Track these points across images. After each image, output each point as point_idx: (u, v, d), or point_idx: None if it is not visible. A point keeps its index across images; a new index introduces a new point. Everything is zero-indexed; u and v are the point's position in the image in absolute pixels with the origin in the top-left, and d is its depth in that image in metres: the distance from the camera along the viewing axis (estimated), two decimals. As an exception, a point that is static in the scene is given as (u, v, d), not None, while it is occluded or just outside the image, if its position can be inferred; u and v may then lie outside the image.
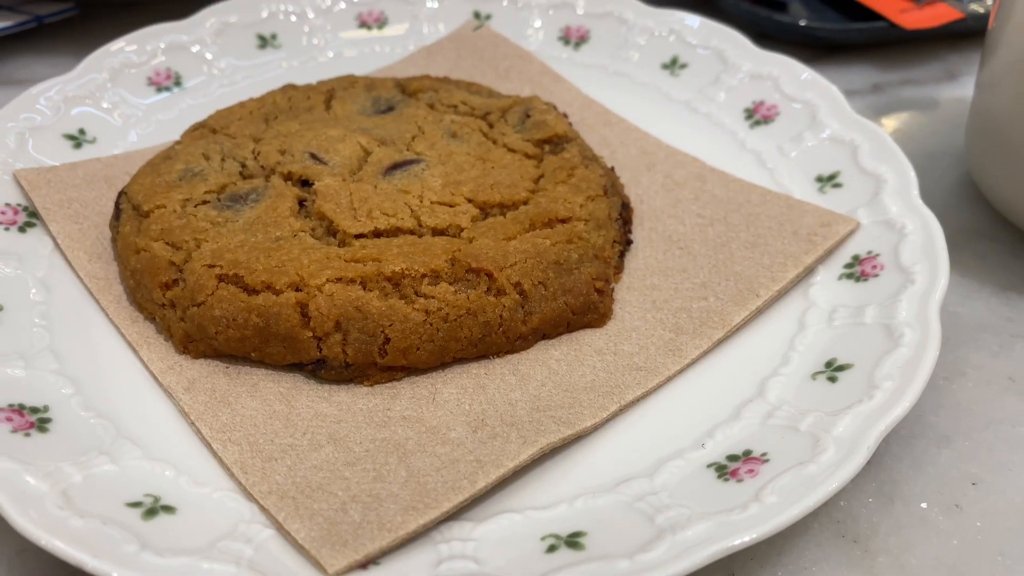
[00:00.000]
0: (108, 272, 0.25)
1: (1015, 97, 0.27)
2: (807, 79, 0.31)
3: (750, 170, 0.30)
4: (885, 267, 0.24)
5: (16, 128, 0.29)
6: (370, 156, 0.27)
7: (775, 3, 0.40)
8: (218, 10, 0.35)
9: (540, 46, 0.36)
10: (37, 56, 0.38)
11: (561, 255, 0.24)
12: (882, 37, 0.38)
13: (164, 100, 0.32)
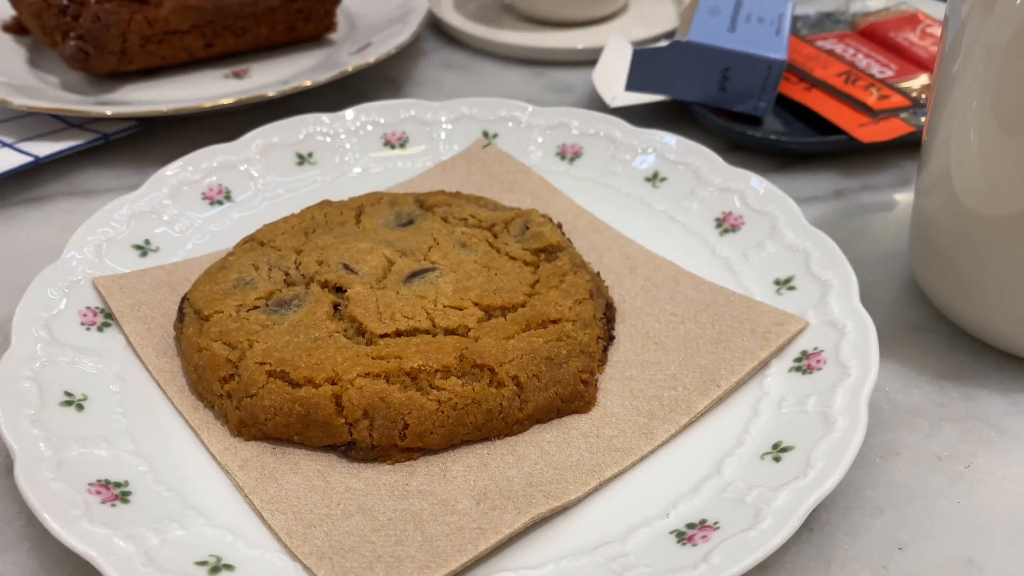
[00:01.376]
0: (173, 366, 0.30)
1: (944, 204, 0.31)
2: (770, 193, 0.36)
3: (719, 273, 0.34)
4: (827, 362, 0.29)
5: (94, 240, 0.34)
6: (393, 266, 0.32)
7: (749, 118, 0.45)
8: (262, 132, 0.40)
9: (540, 161, 0.41)
10: (103, 168, 0.44)
11: (552, 351, 0.29)
12: (844, 148, 0.43)
13: (217, 213, 0.37)
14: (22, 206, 0.41)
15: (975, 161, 0.30)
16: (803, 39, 0.51)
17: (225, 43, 0.50)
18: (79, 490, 0.25)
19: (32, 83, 0.48)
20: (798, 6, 0.62)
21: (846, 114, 0.44)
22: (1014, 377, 0.31)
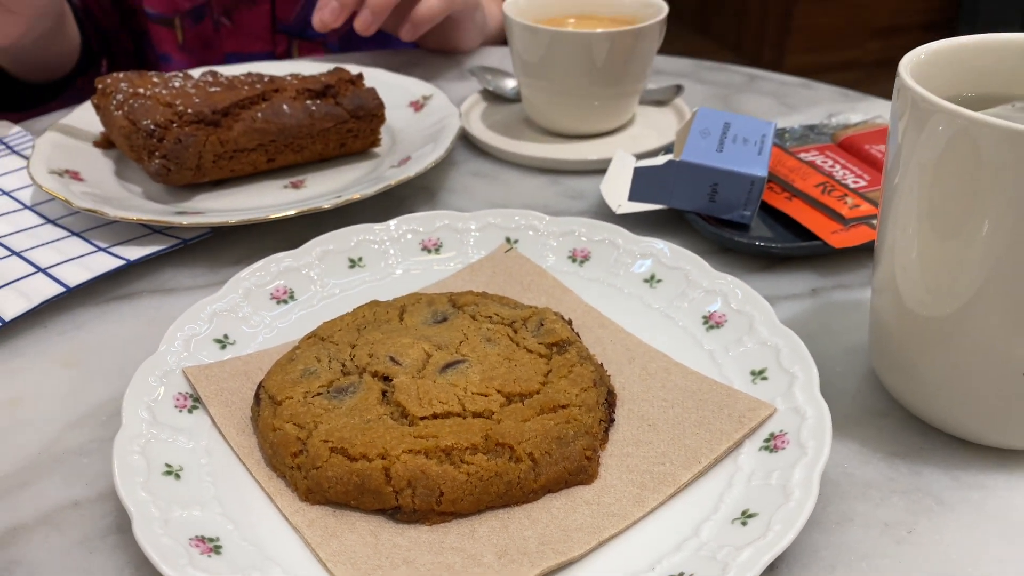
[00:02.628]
0: (251, 443, 0.36)
1: (892, 304, 0.37)
2: (748, 296, 0.42)
3: (704, 364, 0.40)
4: (790, 443, 0.35)
5: (183, 336, 0.41)
6: (430, 358, 0.38)
7: (737, 224, 0.52)
8: (320, 241, 0.48)
9: (554, 263, 0.48)
10: (182, 268, 0.51)
11: (562, 432, 0.35)
12: (819, 252, 0.50)
13: (283, 311, 0.44)
14: (115, 302, 0.48)
15: (915, 266, 0.35)
16: (787, 152, 0.58)
17: (285, 158, 0.58)
18: (182, 544, 0.31)
19: (120, 193, 0.56)
20: (787, 117, 0.69)
21: (821, 222, 0.50)
22: (955, 456, 0.37)
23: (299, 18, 0.86)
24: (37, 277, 0.48)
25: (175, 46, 0.86)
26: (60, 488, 0.36)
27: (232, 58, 0.87)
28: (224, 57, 0.87)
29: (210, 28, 0.85)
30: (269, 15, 0.85)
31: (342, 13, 0.67)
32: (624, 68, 0.62)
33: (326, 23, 0.67)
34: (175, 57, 0.87)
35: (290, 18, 0.86)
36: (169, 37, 0.85)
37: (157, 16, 0.84)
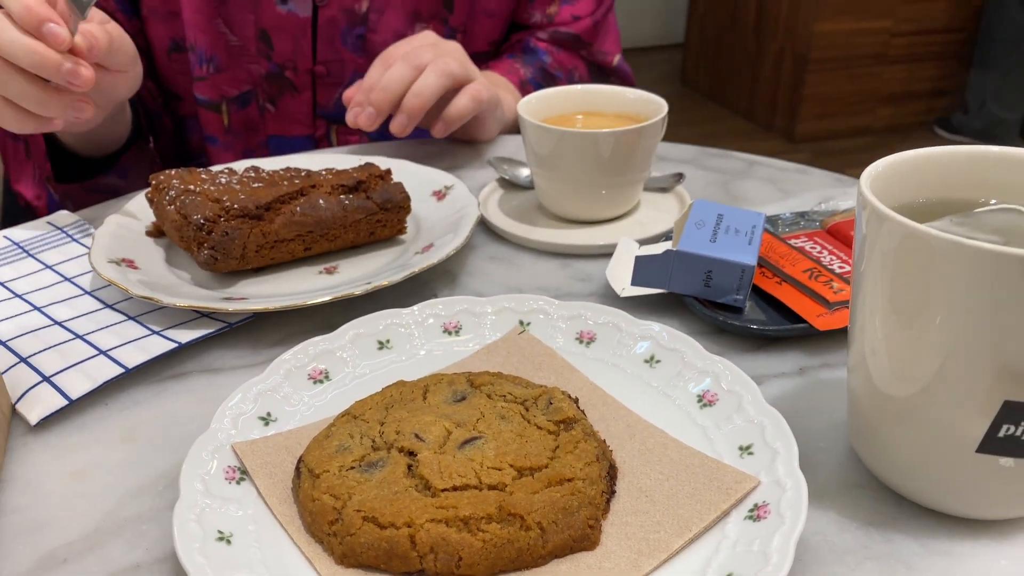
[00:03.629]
0: (292, 511, 0.41)
1: (864, 383, 0.41)
2: (737, 377, 0.47)
3: (698, 440, 0.45)
4: (771, 512, 0.39)
5: (231, 414, 0.46)
6: (451, 435, 0.43)
7: (731, 307, 0.57)
8: (353, 325, 0.53)
9: (563, 345, 0.53)
10: (228, 350, 0.57)
11: (568, 503, 0.39)
12: (806, 333, 0.54)
13: (319, 390, 0.49)
14: (168, 381, 0.53)
15: (882, 349, 0.40)
16: (779, 238, 0.63)
17: (320, 247, 0.64)
18: (234, 602, 0.35)
19: (170, 280, 0.62)
20: (782, 202, 0.74)
21: (808, 306, 0.55)
22: (925, 525, 0.41)
23: (338, 105, 0.94)
24: (99, 359, 0.54)
25: (221, 129, 0.93)
26: (123, 552, 0.41)
27: (274, 140, 0.94)
28: (267, 139, 0.94)
29: (255, 113, 0.93)
30: (310, 102, 0.93)
31: (377, 119, 0.74)
32: (628, 161, 0.68)
33: (362, 127, 0.74)
34: (221, 139, 0.94)
35: (330, 105, 0.94)
36: (216, 121, 0.93)
37: (206, 101, 0.92)
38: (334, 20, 0.89)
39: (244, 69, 0.90)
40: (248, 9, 0.86)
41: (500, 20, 0.98)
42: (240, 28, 0.87)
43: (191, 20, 0.87)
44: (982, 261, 0.34)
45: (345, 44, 0.90)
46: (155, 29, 0.90)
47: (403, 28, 0.91)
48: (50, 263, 0.67)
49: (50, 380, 0.52)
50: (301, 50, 0.89)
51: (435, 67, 0.73)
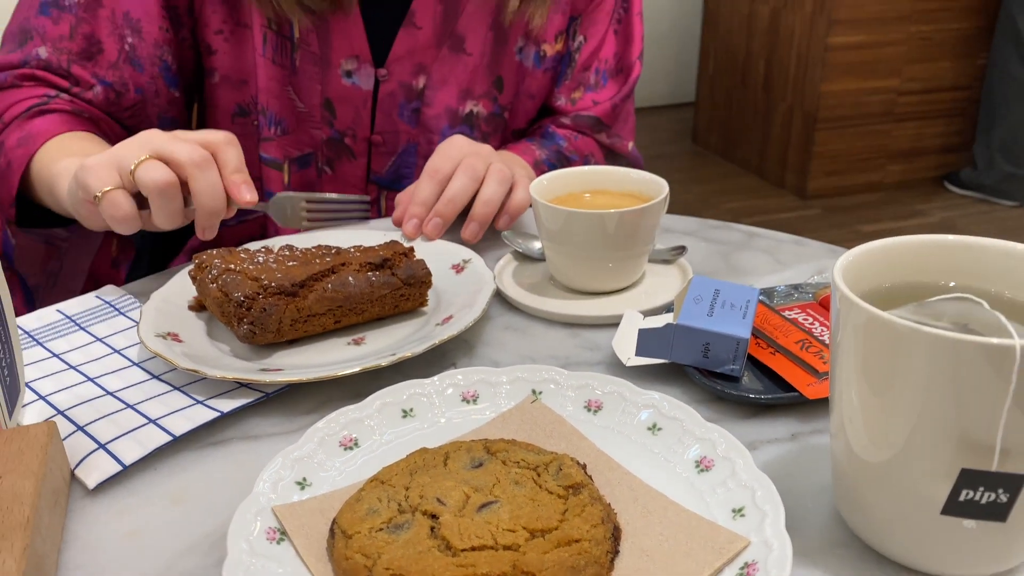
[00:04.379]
0: (327, 570, 0.46)
1: (844, 449, 0.45)
2: (731, 444, 0.51)
3: (695, 502, 0.49)
4: (759, 571, 0.43)
5: (271, 479, 0.51)
6: (469, 499, 0.48)
7: (729, 376, 0.61)
8: (379, 395, 0.58)
9: (572, 413, 0.58)
10: (264, 418, 0.62)
11: (575, 563, 0.44)
12: (798, 401, 0.59)
13: (349, 456, 0.54)
14: (212, 448, 0.58)
15: (858, 416, 0.44)
16: (774, 310, 0.68)
17: (349, 320, 0.69)
18: (277, 651, 0.40)
19: (211, 352, 0.67)
20: (779, 273, 0.79)
21: (799, 375, 0.59)
22: (903, 582, 0.45)
23: (389, 171, 1.01)
24: (149, 427, 0.59)
25: (281, 186, 1.00)
26: (175, 606, 0.45)
27: None
28: None
29: (313, 174, 1.00)
30: (365, 168, 1.00)
31: (444, 228, 0.81)
32: (632, 237, 0.73)
33: (429, 237, 0.81)
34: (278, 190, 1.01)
35: (382, 171, 1.01)
36: (277, 178, 1.00)
37: (270, 160, 0.99)
38: (393, 94, 0.96)
39: (308, 133, 0.97)
40: (316, 80, 0.94)
41: (538, 101, 1.06)
42: (308, 97, 0.95)
43: (265, 87, 0.94)
44: (939, 346, 0.38)
45: (401, 116, 0.98)
46: (224, 95, 0.97)
47: (455, 104, 0.99)
48: (100, 336, 0.72)
49: (105, 447, 0.57)
50: (361, 119, 0.97)
51: (493, 176, 0.81)
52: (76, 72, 0.88)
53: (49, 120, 0.85)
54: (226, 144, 0.72)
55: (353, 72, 0.94)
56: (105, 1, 0.88)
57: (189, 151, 0.69)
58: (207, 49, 0.94)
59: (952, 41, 3.45)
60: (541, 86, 1.04)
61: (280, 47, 0.92)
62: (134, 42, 0.89)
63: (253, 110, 0.97)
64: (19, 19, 0.90)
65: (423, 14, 0.94)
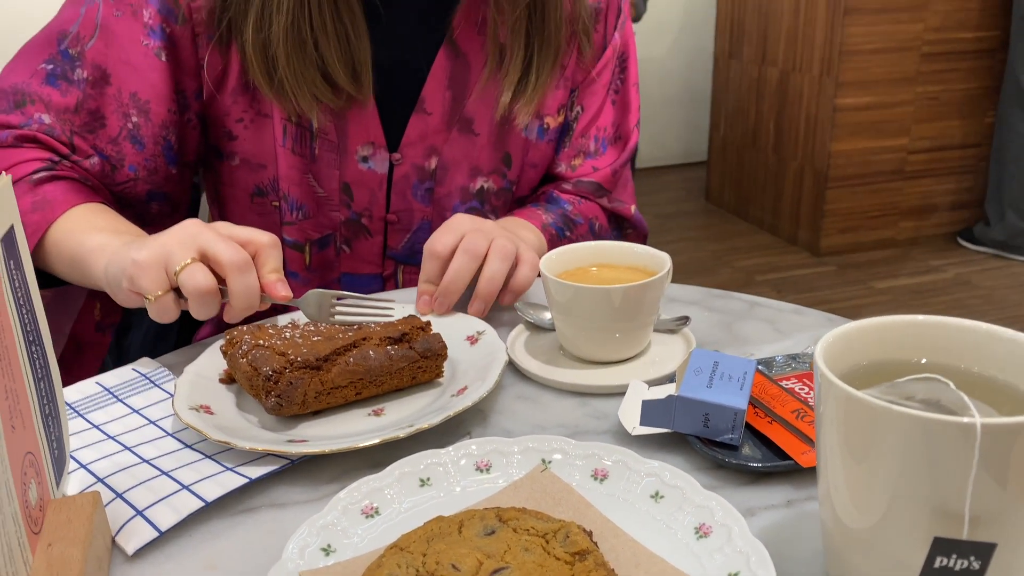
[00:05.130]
0: (349, 632, 0.49)
1: (831, 515, 0.48)
2: (727, 511, 0.55)
3: (694, 567, 0.52)
4: (752, 633, 0.46)
5: (299, 545, 0.55)
6: (482, 566, 0.51)
7: (728, 446, 0.65)
8: (398, 465, 0.62)
9: (580, 482, 0.61)
10: (290, 486, 0.66)
11: (580, 624, 0.47)
12: (793, 469, 0.62)
13: (371, 524, 0.58)
14: (242, 514, 0.62)
15: (841, 484, 0.47)
16: (771, 379, 0.71)
17: (369, 391, 0.73)
18: None
19: (241, 423, 0.72)
20: (778, 343, 0.83)
21: (794, 444, 0.63)
22: (890, 644, 0.47)
23: (405, 247, 1.06)
24: (183, 493, 0.63)
25: (303, 267, 1.06)
26: (209, 667, 0.49)
27: (346, 277, 1.07)
28: (340, 276, 1.07)
29: (332, 254, 1.05)
30: (381, 245, 1.06)
31: (451, 307, 0.86)
32: (637, 309, 0.78)
33: (438, 314, 0.86)
34: (301, 275, 1.06)
35: (398, 247, 1.06)
36: (299, 259, 1.05)
37: (292, 243, 1.04)
38: (407, 176, 1.02)
39: (327, 216, 1.03)
40: (334, 166, 1.00)
41: (541, 170, 1.12)
42: (327, 182, 1.01)
43: (285, 174, 1.00)
44: (910, 423, 0.42)
45: (415, 196, 1.04)
46: (243, 176, 1.02)
47: (466, 182, 1.05)
48: (136, 407, 0.77)
49: (143, 513, 0.61)
50: (377, 200, 1.03)
51: (495, 254, 0.85)
52: (77, 142, 0.91)
53: (62, 188, 0.88)
54: (269, 246, 0.77)
55: (369, 157, 1.00)
56: (114, 80, 0.92)
57: (232, 254, 0.73)
58: (228, 135, 1.00)
59: (959, 101, 3.51)
60: (544, 156, 1.10)
61: (300, 138, 0.98)
62: (140, 122, 0.93)
63: (271, 191, 1.02)
64: (16, 81, 0.91)
65: (433, 100, 1.00)
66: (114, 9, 0.91)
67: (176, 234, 0.75)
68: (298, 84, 0.92)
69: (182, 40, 0.93)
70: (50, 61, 0.91)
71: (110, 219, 0.88)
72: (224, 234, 0.75)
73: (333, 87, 0.94)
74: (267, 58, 0.91)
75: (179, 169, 0.99)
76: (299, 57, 0.90)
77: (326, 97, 0.94)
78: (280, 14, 0.89)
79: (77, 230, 0.85)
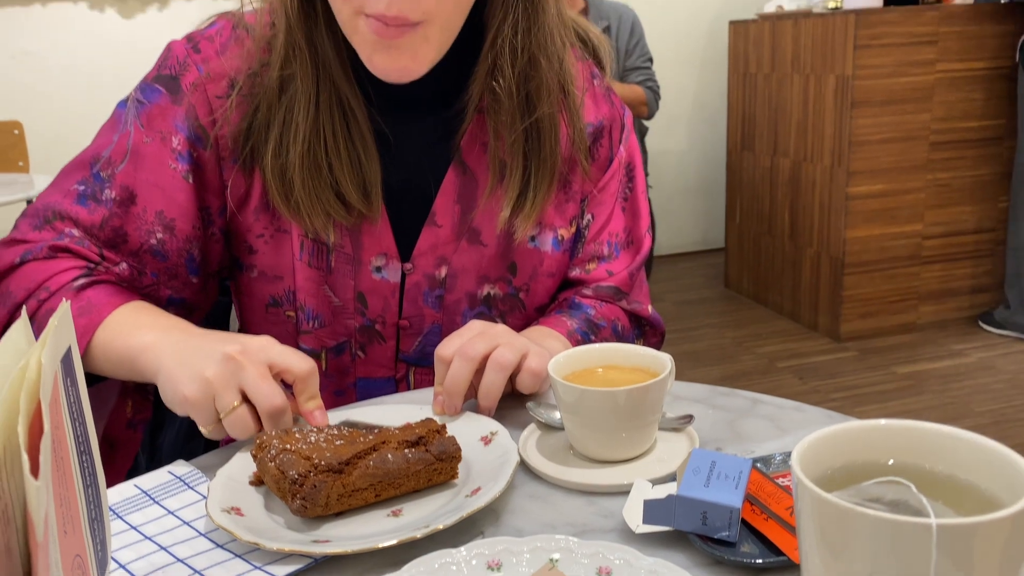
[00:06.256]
0: None
1: None
2: (722, 607, 0.58)
3: (690, 663, 0.55)
4: None
5: (319, 643, 0.59)
6: (490, 661, 0.55)
7: (727, 543, 0.68)
8: (414, 564, 0.66)
9: (585, 579, 0.65)
10: (313, 585, 0.70)
11: None
12: (788, 564, 0.65)
13: (387, 622, 0.62)
14: (268, 614, 0.66)
15: None
16: (768, 477, 0.75)
17: (388, 493, 0.78)
18: None
19: (268, 524, 0.76)
20: (779, 440, 0.87)
21: (788, 540, 0.66)
22: None
23: (416, 350, 1.12)
24: (214, 594, 0.68)
25: (320, 373, 1.11)
26: None
27: (361, 382, 1.12)
28: (355, 381, 1.12)
29: (347, 360, 1.11)
30: (394, 349, 1.11)
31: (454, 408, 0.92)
32: (641, 410, 0.82)
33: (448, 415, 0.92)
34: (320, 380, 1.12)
35: (410, 351, 1.12)
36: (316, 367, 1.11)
37: (308, 351, 1.10)
38: (418, 284, 1.09)
39: (342, 324, 1.09)
40: (350, 276, 1.07)
41: (558, 279, 1.17)
42: (342, 292, 1.08)
43: (303, 286, 1.07)
44: (875, 524, 0.46)
45: (426, 302, 1.10)
46: (260, 287, 1.09)
47: (474, 289, 1.11)
48: (171, 509, 0.82)
49: (177, 614, 0.65)
50: (390, 307, 1.09)
51: (492, 364, 0.91)
52: (105, 253, 1.00)
53: (103, 291, 0.96)
54: (306, 376, 0.85)
55: (382, 267, 1.07)
56: (139, 200, 1.00)
57: (268, 401, 0.81)
58: (248, 249, 1.07)
59: (971, 187, 3.58)
60: (561, 265, 1.16)
61: (317, 252, 1.05)
62: (164, 238, 1.01)
63: (286, 302, 1.09)
64: (49, 201, 1.00)
65: (443, 214, 1.08)
66: (144, 136, 1.01)
67: (220, 368, 0.82)
68: (312, 205, 0.99)
69: (208, 163, 1.03)
70: (82, 183, 1.00)
71: (154, 315, 0.96)
72: (262, 372, 0.82)
73: (346, 206, 1.02)
74: (284, 181, 1.00)
75: (201, 279, 1.07)
76: (314, 180, 0.99)
77: (340, 215, 1.02)
78: (297, 142, 0.97)
79: (123, 331, 0.92)
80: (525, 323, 1.14)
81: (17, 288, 0.97)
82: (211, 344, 0.86)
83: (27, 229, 1.00)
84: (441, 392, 0.92)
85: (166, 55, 1.04)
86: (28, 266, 0.98)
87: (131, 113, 1.02)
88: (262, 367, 0.83)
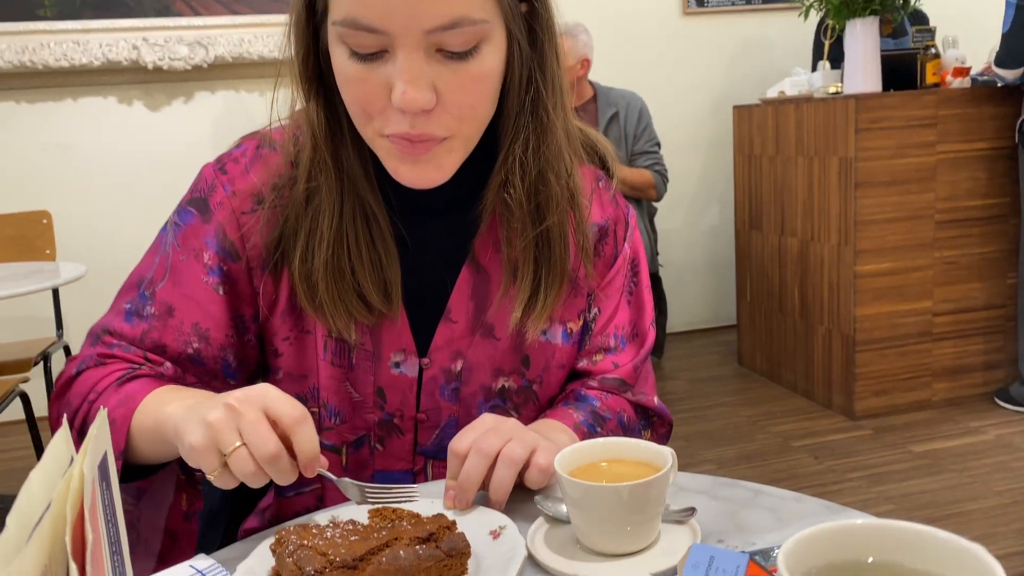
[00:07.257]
0: None
1: None
2: None
3: None
4: None
5: None
6: None
7: (725, 636, 0.70)
8: (424, 660, 0.69)
9: (588, 675, 0.67)
10: None
11: None
12: (785, 659, 0.67)
13: None
14: None
15: None
16: (766, 570, 0.77)
17: (400, 588, 0.81)
18: None
19: (286, 618, 0.80)
20: (779, 531, 0.89)
21: (785, 635, 0.68)
22: None
23: (433, 443, 1.16)
24: None
25: (339, 467, 1.15)
26: None
27: (379, 474, 1.16)
28: (374, 473, 1.15)
29: (367, 453, 1.15)
30: (412, 442, 1.16)
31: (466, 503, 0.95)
32: (644, 503, 0.85)
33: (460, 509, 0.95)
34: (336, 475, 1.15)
35: (427, 443, 1.16)
36: (336, 461, 1.15)
37: (329, 446, 1.14)
38: (435, 377, 1.14)
39: (362, 418, 1.14)
40: (370, 372, 1.12)
41: (567, 370, 1.22)
42: (362, 387, 1.13)
43: (325, 384, 1.12)
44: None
45: (443, 396, 1.15)
46: (284, 388, 1.12)
47: (489, 382, 1.15)
48: (192, 604, 0.85)
49: None
50: (407, 401, 1.14)
51: (503, 460, 0.95)
52: (150, 356, 1.08)
53: (141, 382, 1.02)
54: (294, 423, 0.86)
55: (401, 363, 1.13)
56: (176, 313, 1.08)
57: (262, 449, 0.83)
58: (274, 352, 1.14)
59: (978, 264, 3.62)
60: (570, 357, 1.21)
61: (339, 351, 1.11)
62: (200, 347, 1.08)
63: (310, 399, 1.14)
64: (103, 322, 1.10)
65: (458, 310, 1.13)
66: (180, 254, 1.11)
67: (221, 414, 0.85)
68: (335, 306, 1.06)
69: (239, 275, 1.10)
70: (130, 302, 1.11)
71: (182, 392, 1.01)
72: (258, 418, 0.85)
73: (368, 307, 1.08)
74: (310, 285, 1.06)
75: (239, 382, 1.14)
76: (338, 284, 1.05)
77: (362, 315, 1.08)
78: (322, 248, 1.04)
79: (153, 409, 0.97)
80: (538, 415, 1.18)
81: (74, 396, 1.06)
82: (218, 397, 0.90)
83: (85, 347, 1.11)
84: (454, 487, 0.96)
85: (198, 180, 1.14)
86: (83, 375, 1.07)
87: (170, 235, 1.12)
88: (258, 413, 0.86)
